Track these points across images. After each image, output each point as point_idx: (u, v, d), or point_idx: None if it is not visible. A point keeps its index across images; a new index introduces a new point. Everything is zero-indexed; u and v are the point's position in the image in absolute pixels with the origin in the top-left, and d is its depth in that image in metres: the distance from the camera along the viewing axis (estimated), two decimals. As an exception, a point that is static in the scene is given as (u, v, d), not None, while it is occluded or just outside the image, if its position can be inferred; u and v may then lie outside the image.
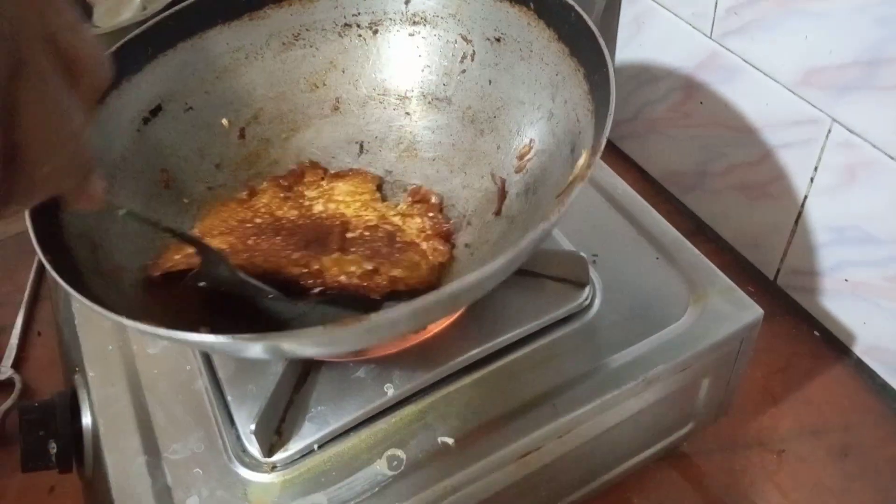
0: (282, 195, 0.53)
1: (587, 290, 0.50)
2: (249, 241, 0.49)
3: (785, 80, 0.60)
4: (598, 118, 0.43)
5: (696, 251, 0.54)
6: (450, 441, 0.45)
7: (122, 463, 0.45)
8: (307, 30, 0.58)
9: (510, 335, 0.48)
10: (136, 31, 0.51)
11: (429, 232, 0.49)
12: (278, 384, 0.45)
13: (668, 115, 0.75)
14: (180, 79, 0.54)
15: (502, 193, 0.51)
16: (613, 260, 0.53)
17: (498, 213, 0.50)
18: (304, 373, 0.47)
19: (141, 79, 0.52)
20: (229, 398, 0.47)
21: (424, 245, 0.48)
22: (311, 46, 0.58)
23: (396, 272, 0.45)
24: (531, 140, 0.51)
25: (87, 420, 0.48)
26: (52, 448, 0.46)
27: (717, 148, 0.70)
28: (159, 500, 0.43)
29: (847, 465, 0.60)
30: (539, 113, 0.51)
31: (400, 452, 0.45)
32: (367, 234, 0.49)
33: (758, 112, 0.64)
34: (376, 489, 0.43)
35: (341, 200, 0.52)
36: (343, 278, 0.45)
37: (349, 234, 0.48)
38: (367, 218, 0.50)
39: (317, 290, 0.45)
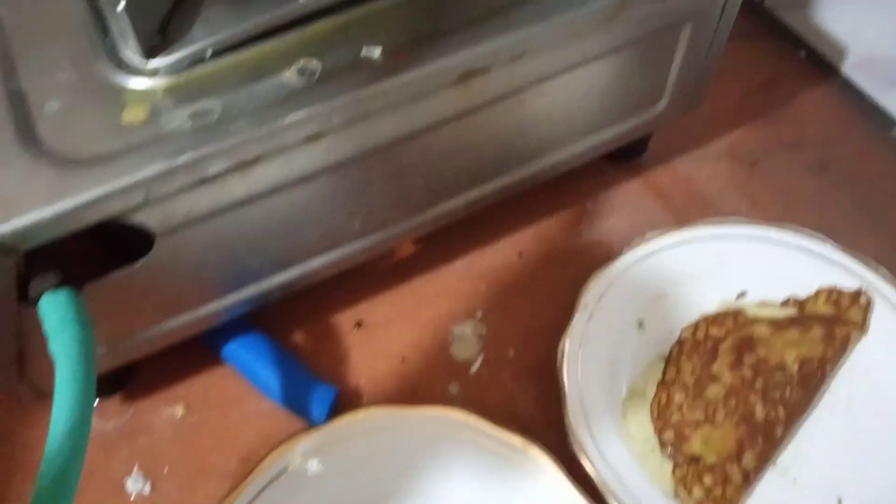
0: None
1: None
2: None
3: None
4: None
5: None
6: (375, 54, 0.36)
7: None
8: None
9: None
10: None
11: None
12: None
13: None
14: None
15: None
16: None
17: None
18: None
19: None
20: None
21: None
22: None
23: None
24: None
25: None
26: None
27: None
28: (13, 103, 0.35)
29: (825, 178, 0.54)
30: None
31: (314, 62, 0.36)
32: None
33: None
34: (282, 98, 0.35)
35: None
36: None
37: None
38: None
39: None
